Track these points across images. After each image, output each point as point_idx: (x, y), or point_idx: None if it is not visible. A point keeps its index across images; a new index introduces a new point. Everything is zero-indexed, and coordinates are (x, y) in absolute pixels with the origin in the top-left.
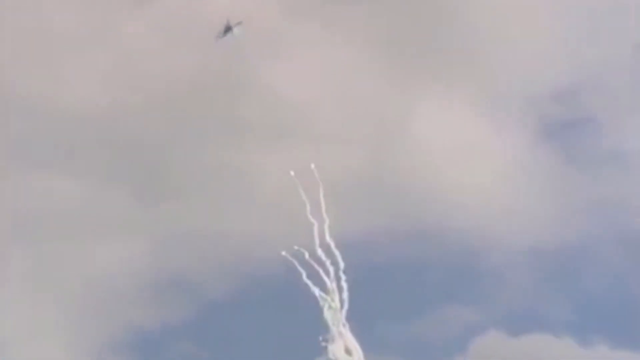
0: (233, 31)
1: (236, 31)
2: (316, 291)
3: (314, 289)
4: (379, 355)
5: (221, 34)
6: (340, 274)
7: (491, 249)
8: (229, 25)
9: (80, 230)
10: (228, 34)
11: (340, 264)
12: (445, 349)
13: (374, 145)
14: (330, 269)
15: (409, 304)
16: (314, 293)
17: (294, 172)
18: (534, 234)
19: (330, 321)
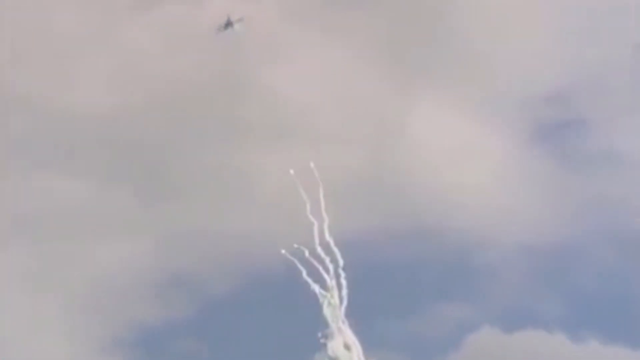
0: (234, 27)
1: (237, 27)
2: (316, 288)
3: (314, 286)
4: (377, 350)
5: (222, 28)
6: (340, 271)
7: (486, 248)
8: (230, 21)
9: (83, 229)
10: (228, 29)
11: (340, 262)
12: (441, 344)
13: (373, 146)
14: (330, 267)
15: (407, 300)
16: (313, 290)
17: (293, 172)
18: (528, 232)
19: (329, 317)
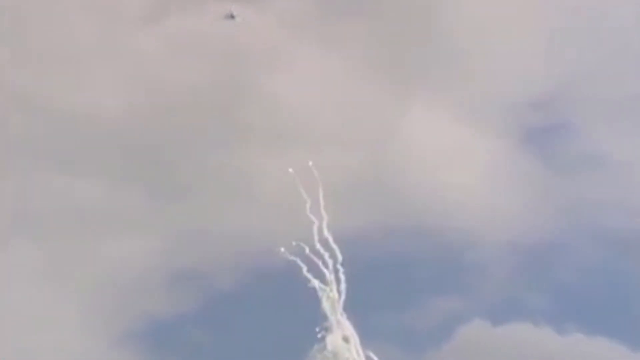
0: (235, 19)
1: (238, 19)
2: (316, 283)
3: (314, 281)
4: (373, 341)
5: (227, 17)
6: (338, 266)
7: (475, 245)
8: (232, 14)
9: (97, 227)
10: (231, 20)
11: (339, 258)
12: (434, 336)
13: (370, 147)
14: (329, 262)
15: (402, 294)
16: (313, 286)
17: (292, 170)
18: (515, 230)
19: (328, 311)
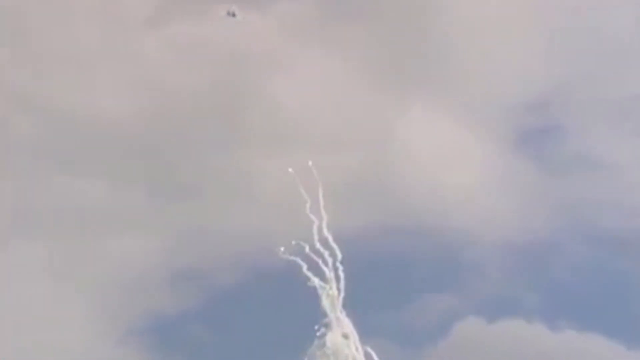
0: (236, 17)
1: (238, 17)
2: (315, 281)
3: (314, 279)
4: (372, 338)
5: (229, 14)
6: (338, 264)
7: (471, 244)
8: (233, 12)
9: (97, 227)
10: (232, 17)
11: (338, 256)
12: (431, 332)
13: (368, 148)
14: (329, 261)
15: (399, 292)
16: (313, 284)
17: (293, 170)
18: (510, 230)
19: (328, 308)
